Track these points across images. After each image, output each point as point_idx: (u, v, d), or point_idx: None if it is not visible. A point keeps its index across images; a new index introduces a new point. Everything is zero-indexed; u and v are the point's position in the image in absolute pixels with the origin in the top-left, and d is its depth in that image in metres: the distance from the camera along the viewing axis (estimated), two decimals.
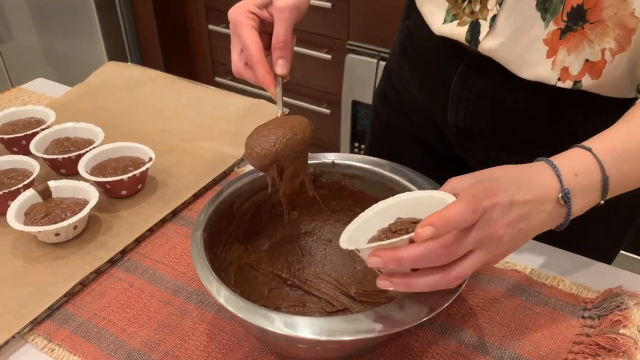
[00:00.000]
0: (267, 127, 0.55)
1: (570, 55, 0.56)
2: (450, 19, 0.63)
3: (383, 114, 0.86)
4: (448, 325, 0.56)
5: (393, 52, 0.81)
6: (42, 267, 0.63)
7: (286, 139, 0.54)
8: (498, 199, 0.44)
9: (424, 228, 0.41)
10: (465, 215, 0.42)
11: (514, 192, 0.45)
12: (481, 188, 0.44)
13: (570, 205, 0.48)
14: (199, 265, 0.51)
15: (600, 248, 0.74)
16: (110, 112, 0.92)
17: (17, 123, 0.83)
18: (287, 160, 0.55)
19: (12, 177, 0.72)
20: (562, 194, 0.48)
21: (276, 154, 0.54)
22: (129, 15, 2.07)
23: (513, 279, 0.61)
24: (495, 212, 0.44)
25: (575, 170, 0.48)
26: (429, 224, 0.41)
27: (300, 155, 0.56)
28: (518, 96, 0.63)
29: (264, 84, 0.59)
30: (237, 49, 0.60)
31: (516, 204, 0.45)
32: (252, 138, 0.55)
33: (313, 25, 1.72)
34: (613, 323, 0.56)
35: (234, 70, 0.61)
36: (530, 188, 0.46)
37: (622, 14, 0.52)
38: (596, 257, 0.66)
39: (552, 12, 0.55)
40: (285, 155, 0.54)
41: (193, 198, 0.74)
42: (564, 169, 0.48)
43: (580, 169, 0.49)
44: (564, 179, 0.48)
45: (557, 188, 0.48)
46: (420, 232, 0.41)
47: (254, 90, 2.00)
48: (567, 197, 0.48)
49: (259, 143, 0.54)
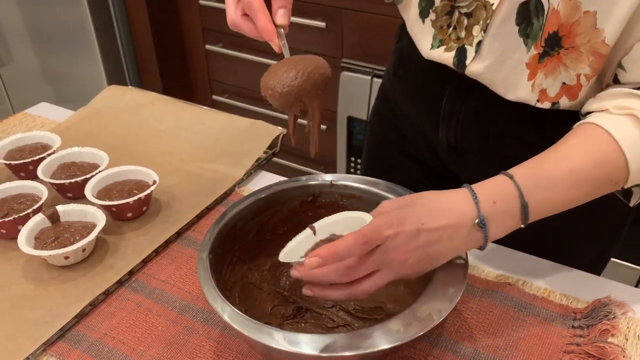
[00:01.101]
0: (284, 65, 0.52)
1: (547, 79, 0.59)
2: (437, 45, 0.66)
3: (379, 131, 0.89)
4: (444, 338, 0.59)
5: (387, 73, 0.85)
6: (53, 290, 0.65)
7: (308, 72, 0.52)
8: (404, 227, 0.50)
9: (312, 259, 0.49)
10: (353, 247, 0.49)
11: (425, 220, 0.50)
12: (389, 218, 0.50)
13: (487, 231, 0.52)
14: (206, 286, 0.53)
15: (589, 260, 0.76)
16: (113, 135, 0.95)
17: (24, 149, 0.85)
18: (310, 96, 0.52)
19: (22, 202, 0.74)
20: (478, 220, 0.52)
21: (299, 88, 0.51)
22: (127, 36, 2.11)
23: (506, 292, 0.64)
24: (399, 239, 0.50)
25: (494, 197, 0.53)
26: (317, 255, 0.49)
27: (321, 92, 0.53)
28: (505, 116, 0.66)
29: (264, 33, 0.56)
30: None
31: (424, 231, 0.50)
32: (268, 77, 0.52)
33: (308, 44, 1.76)
34: (602, 332, 0.59)
35: (230, 23, 0.58)
36: (445, 216, 0.51)
37: (595, 42, 0.55)
38: (586, 268, 0.69)
39: (533, 38, 0.58)
40: (308, 90, 0.51)
41: (196, 219, 0.77)
42: (482, 196, 0.52)
43: (499, 197, 0.53)
44: (481, 206, 0.52)
45: (474, 215, 0.52)
46: (307, 262, 0.49)
47: (252, 109, 2.04)
48: (483, 223, 0.52)
49: (279, 80, 0.51)
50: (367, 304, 0.63)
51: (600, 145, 0.54)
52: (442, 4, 0.64)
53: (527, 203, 0.53)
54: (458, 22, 0.63)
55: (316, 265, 0.49)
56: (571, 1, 0.53)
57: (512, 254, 0.70)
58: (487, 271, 0.67)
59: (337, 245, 0.49)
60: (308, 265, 0.49)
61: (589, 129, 0.56)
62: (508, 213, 0.53)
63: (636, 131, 0.54)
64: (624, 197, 0.61)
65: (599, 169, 0.54)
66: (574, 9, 0.54)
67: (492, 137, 0.70)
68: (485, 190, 0.53)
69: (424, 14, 0.66)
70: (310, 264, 0.49)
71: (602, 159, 0.54)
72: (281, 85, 0.51)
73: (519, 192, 0.53)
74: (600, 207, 0.72)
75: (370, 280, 0.52)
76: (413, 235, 0.50)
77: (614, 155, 0.54)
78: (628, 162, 0.54)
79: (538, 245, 0.71)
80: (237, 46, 1.95)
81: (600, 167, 0.54)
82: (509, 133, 0.68)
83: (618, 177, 0.55)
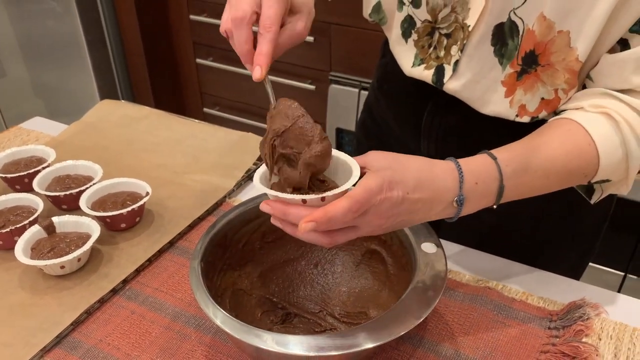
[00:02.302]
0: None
1: (526, 95, 0.63)
2: (418, 63, 0.70)
3: (365, 143, 0.92)
4: (426, 340, 0.62)
5: (372, 87, 0.88)
6: (49, 298, 0.67)
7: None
8: (392, 193, 0.50)
9: (307, 224, 0.47)
10: (347, 215, 0.48)
11: (411, 189, 0.51)
12: (380, 180, 0.49)
13: (462, 209, 0.54)
14: (198, 292, 0.56)
15: (568, 265, 0.80)
16: (106, 148, 0.97)
17: (19, 162, 0.87)
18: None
19: (18, 214, 0.76)
20: (457, 198, 0.54)
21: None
22: (119, 50, 2.13)
23: (486, 295, 0.67)
24: (384, 205, 0.50)
25: (477, 178, 0.54)
26: (313, 219, 0.47)
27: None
28: (483, 129, 0.70)
29: (254, 60, 0.55)
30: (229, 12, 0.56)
31: (407, 200, 0.51)
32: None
33: (297, 57, 1.79)
34: (576, 333, 0.62)
35: (227, 28, 0.57)
36: (430, 188, 0.52)
37: (569, 60, 0.58)
38: (565, 274, 0.71)
39: (508, 57, 0.62)
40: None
41: (188, 229, 0.79)
42: (467, 176, 0.54)
43: (481, 178, 0.55)
44: (464, 186, 0.54)
45: (455, 193, 0.54)
46: (304, 226, 0.47)
47: (242, 121, 2.07)
48: (461, 202, 0.54)
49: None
50: (352, 309, 0.66)
51: (576, 138, 0.57)
52: (424, 25, 0.67)
53: (504, 186, 0.55)
54: (438, 42, 0.67)
55: (311, 230, 0.48)
56: (545, 21, 0.57)
57: (492, 259, 0.73)
58: (469, 276, 0.70)
59: (331, 212, 0.47)
60: (303, 229, 0.47)
61: (565, 123, 0.59)
62: (485, 194, 0.55)
63: (609, 128, 0.57)
64: (586, 194, 0.65)
65: (573, 161, 0.57)
66: (548, 29, 0.57)
67: (471, 149, 0.73)
68: (470, 170, 0.54)
69: (407, 34, 0.70)
70: (305, 228, 0.47)
71: (577, 151, 0.57)
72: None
73: (500, 175, 0.55)
74: (578, 215, 0.76)
75: (344, 233, 0.51)
76: (397, 203, 0.50)
77: (588, 149, 0.57)
78: (600, 156, 0.57)
79: (518, 252, 0.74)
80: (227, 60, 1.99)
81: (575, 160, 0.57)
82: (488, 145, 0.71)
83: (589, 170, 0.58)
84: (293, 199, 0.49)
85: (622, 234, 1.51)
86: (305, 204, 0.49)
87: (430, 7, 0.65)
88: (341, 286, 0.68)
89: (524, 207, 0.63)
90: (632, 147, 0.57)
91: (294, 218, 0.49)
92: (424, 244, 0.60)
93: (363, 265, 0.69)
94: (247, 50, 0.55)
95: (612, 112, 0.57)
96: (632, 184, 0.61)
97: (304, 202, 0.49)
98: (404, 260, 0.62)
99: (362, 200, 0.48)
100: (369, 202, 0.49)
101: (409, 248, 0.61)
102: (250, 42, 0.55)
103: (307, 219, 0.47)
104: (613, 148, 0.57)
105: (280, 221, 0.52)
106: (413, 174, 0.52)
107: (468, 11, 0.62)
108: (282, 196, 0.50)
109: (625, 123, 0.56)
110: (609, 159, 0.57)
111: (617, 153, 0.57)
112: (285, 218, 0.50)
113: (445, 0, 0.63)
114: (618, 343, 0.61)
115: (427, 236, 0.61)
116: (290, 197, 0.50)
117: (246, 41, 0.55)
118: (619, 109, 0.57)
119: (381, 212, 0.50)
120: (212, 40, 2.00)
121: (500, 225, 0.74)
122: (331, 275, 0.69)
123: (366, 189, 0.48)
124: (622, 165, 0.58)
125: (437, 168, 0.54)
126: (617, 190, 0.62)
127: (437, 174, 0.53)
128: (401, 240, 0.63)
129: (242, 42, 0.55)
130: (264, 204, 0.51)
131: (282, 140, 0.51)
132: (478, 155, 0.57)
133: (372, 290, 0.67)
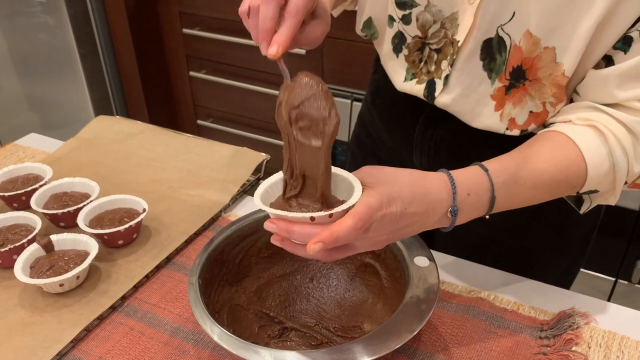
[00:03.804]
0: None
1: (515, 108, 0.65)
2: (410, 78, 0.71)
3: (359, 156, 0.93)
4: (421, 351, 0.63)
5: (365, 101, 0.90)
6: (49, 316, 0.68)
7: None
8: (391, 209, 0.50)
9: (316, 245, 0.47)
10: (351, 234, 0.48)
11: (408, 204, 0.51)
12: (379, 197, 0.50)
13: (456, 219, 0.56)
14: (196, 308, 0.57)
15: (558, 274, 0.81)
16: (102, 164, 0.98)
17: (16, 180, 0.88)
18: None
19: (16, 233, 0.77)
20: (451, 209, 0.55)
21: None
22: (112, 63, 2.14)
23: (478, 306, 0.68)
24: (385, 220, 0.50)
25: (469, 190, 0.56)
26: (321, 240, 0.47)
27: None
28: (473, 141, 0.71)
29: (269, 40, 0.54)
30: None
31: (405, 215, 0.51)
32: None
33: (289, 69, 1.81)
34: (566, 341, 0.63)
35: (241, 10, 0.57)
36: (425, 202, 0.53)
37: (556, 75, 0.60)
38: (555, 282, 0.73)
39: (496, 72, 0.64)
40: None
41: (185, 244, 0.80)
42: (460, 187, 0.55)
43: (473, 189, 0.56)
44: (457, 197, 0.55)
45: (449, 204, 0.55)
46: (312, 247, 0.47)
47: (236, 132, 2.08)
48: (455, 213, 0.55)
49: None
50: (347, 323, 0.67)
51: (564, 150, 0.59)
52: (414, 40, 0.69)
53: (495, 197, 0.57)
54: (429, 57, 0.69)
55: (320, 250, 0.48)
56: (531, 38, 0.59)
57: (484, 270, 0.75)
58: (461, 287, 0.72)
59: (337, 232, 0.48)
60: (312, 250, 0.48)
61: (554, 135, 0.61)
62: (477, 205, 0.57)
63: (596, 140, 0.59)
64: (576, 204, 0.66)
65: (562, 172, 0.59)
66: (534, 45, 0.59)
67: (463, 161, 0.75)
68: (462, 182, 0.56)
69: (398, 49, 0.72)
70: (314, 249, 0.47)
71: (565, 163, 0.59)
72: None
73: (491, 186, 0.57)
74: (568, 224, 0.77)
75: (342, 251, 0.52)
76: (396, 219, 0.51)
77: (576, 161, 0.59)
78: (587, 167, 0.59)
79: (509, 261, 0.75)
80: (220, 72, 2.00)
81: (563, 171, 0.59)
82: (479, 157, 0.73)
83: (577, 181, 0.60)
84: (303, 217, 0.49)
85: (612, 240, 1.54)
86: (313, 222, 0.49)
87: (420, 24, 0.67)
88: (336, 300, 0.70)
89: (513, 217, 0.65)
90: (619, 158, 0.59)
91: (298, 236, 0.49)
92: (416, 257, 0.62)
93: (357, 279, 0.70)
94: (270, 28, 0.53)
95: (599, 124, 0.59)
96: (619, 194, 0.63)
97: (312, 220, 0.49)
98: (398, 274, 0.64)
99: (365, 218, 0.48)
100: (371, 219, 0.49)
101: (402, 262, 0.62)
102: (274, 20, 0.53)
103: (315, 240, 0.48)
104: (600, 159, 0.59)
105: (281, 240, 0.52)
106: (407, 187, 0.52)
107: (457, 27, 0.64)
108: (291, 216, 0.49)
109: (612, 135, 0.58)
110: (597, 170, 0.59)
111: (604, 164, 0.59)
112: (289, 237, 0.50)
113: (435, 17, 0.65)
114: (607, 351, 0.63)
115: (420, 250, 0.63)
116: (299, 215, 0.49)
117: (272, 18, 0.53)
118: (606, 122, 0.59)
119: (382, 229, 0.51)
120: (205, 53, 2.01)
121: (491, 235, 0.76)
122: (326, 289, 0.71)
123: (367, 206, 0.49)
124: (609, 176, 0.60)
125: (429, 181, 0.54)
126: (605, 200, 0.64)
127: (430, 187, 0.54)
128: (394, 254, 0.64)
129: (268, 18, 0.53)
130: (268, 222, 0.51)
131: (299, 112, 0.51)
132: (470, 167, 0.58)
133: (366, 304, 0.68)
